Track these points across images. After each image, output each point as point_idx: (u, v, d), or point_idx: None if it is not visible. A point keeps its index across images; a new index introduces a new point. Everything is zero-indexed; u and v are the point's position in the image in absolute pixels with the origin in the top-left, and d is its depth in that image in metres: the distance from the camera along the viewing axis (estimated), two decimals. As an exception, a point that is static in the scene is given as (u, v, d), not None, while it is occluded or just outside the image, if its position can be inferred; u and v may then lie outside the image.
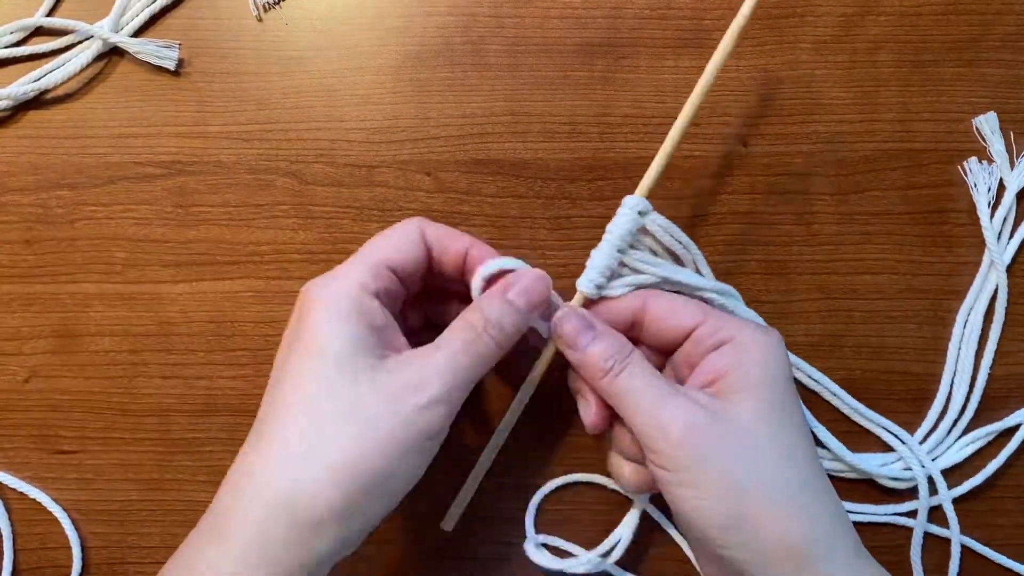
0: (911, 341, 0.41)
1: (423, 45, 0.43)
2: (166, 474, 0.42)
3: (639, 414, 0.33)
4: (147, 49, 0.42)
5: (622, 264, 0.36)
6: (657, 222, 0.36)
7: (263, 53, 0.43)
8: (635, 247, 0.37)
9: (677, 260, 0.38)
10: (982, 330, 0.41)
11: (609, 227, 0.36)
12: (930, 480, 0.40)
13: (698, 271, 0.38)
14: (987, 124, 0.41)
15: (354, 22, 0.43)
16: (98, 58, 0.43)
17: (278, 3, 0.43)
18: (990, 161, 0.41)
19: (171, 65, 0.42)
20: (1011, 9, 0.42)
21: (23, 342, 0.43)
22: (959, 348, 0.41)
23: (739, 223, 0.42)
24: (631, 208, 0.36)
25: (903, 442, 0.41)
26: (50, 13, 0.43)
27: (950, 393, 0.41)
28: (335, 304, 0.32)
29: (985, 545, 0.41)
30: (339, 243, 0.42)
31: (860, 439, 0.41)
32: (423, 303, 0.39)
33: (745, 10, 0.34)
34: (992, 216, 0.41)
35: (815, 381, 0.41)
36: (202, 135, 0.43)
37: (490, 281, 0.36)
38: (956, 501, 0.41)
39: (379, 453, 0.31)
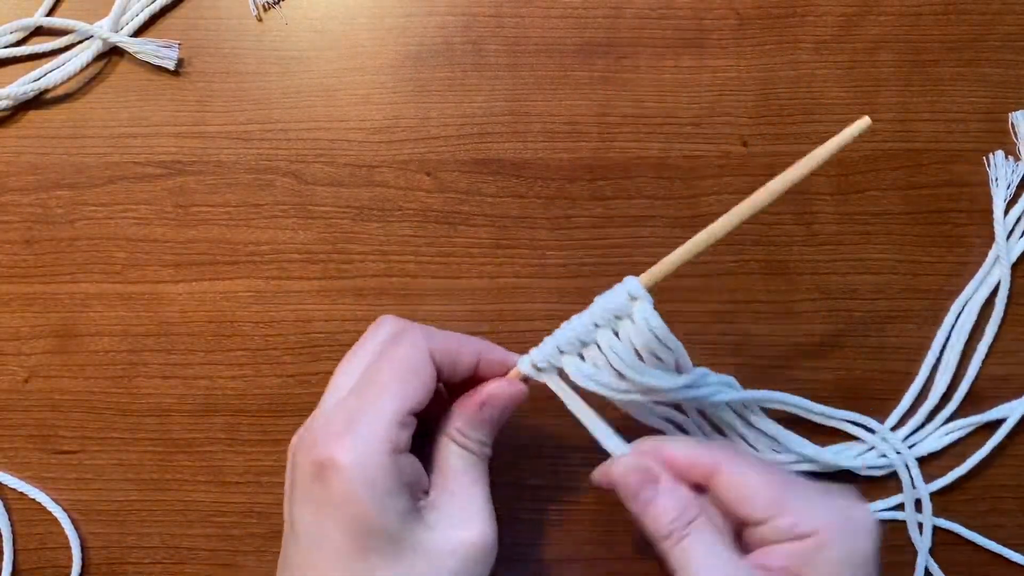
0: (911, 341, 0.41)
1: (423, 45, 0.43)
2: (166, 474, 0.42)
3: None
4: (147, 49, 0.42)
5: (588, 345, 0.33)
6: (646, 316, 0.32)
7: (263, 53, 0.43)
8: (617, 334, 0.32)
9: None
10: (976, 324, 0.41)
11: (596, 300, 0.33)
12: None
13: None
14: (1022, 120, 0.41)
15: (354, 22, 0.43)
16: (98, 58, 0.43)
17: (278, 3, 0.43)
18: (1017, 158, 0.41)
19: (171, 65, 0.42)
20: (1011, 9, 0.42)
21: (23, 342, 0.42)
22: (947, 336, 0.41)
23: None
24: (623, 287, 0.32)
25: (872, 431, 0.40)
26: (50, 13, 0.43)
27: (929, 380, 0.41)
28: (372, 480, 0.29)
29: (977, 533, 0.41)
30: (339, 243, 0.42)
31: (840, 439, 0.41)
32: None
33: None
34: (1007, 213, 0.41)
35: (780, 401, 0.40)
36: (202, 135, 0.43)
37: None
38: (943, 492, 0.41)
39: None
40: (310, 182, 0.42)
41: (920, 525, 0.40)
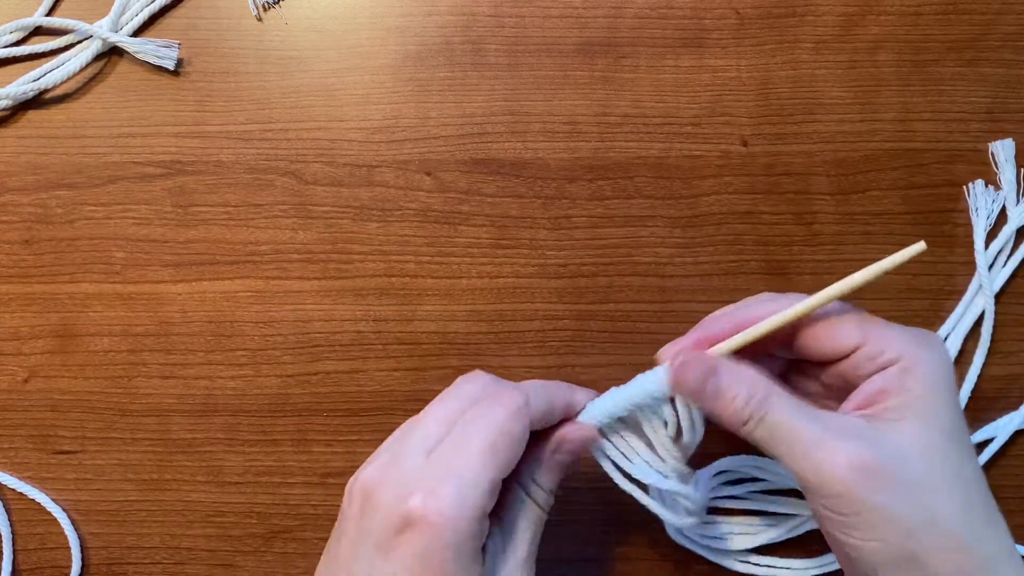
0: (911, 341, 0.41)
1: (423, 45, 0.43)
2: (166, 474, 0.42)
3: (792, 460, 0.30)
4: (146, 49, 0.42)
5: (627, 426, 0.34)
6: (684, 408, 0.33)
7: (263, 53, 0.43)
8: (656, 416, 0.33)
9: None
10: (961, 351, 0.41)
11: (639, 377, 0.33)
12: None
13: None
14: (1003, 151, 0.41)
15: (354, 22, 0.43)
16: (97, 58, 0.43)
17: (278, 3, 0.43)
18: (996, 187, 0.41)
19: (170, 65, 0.42)
20: (1011, 9, 0.42)
21: (23, 342, 0.42)
22: None
23: (739, 223, 0.42)
24: (665, 378, 0.32)
25: None
26: (49, 13, 0.43)
27: None
28: (460, 545, 0.29)
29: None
30: (339, 243, 0.42)
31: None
32: None
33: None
34: (988, 245, 0.41)
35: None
36: (201, 135, 0.43)
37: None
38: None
39: None
40: (310, 182, 0.42)
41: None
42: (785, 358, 0.36)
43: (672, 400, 0.33)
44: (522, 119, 0.42)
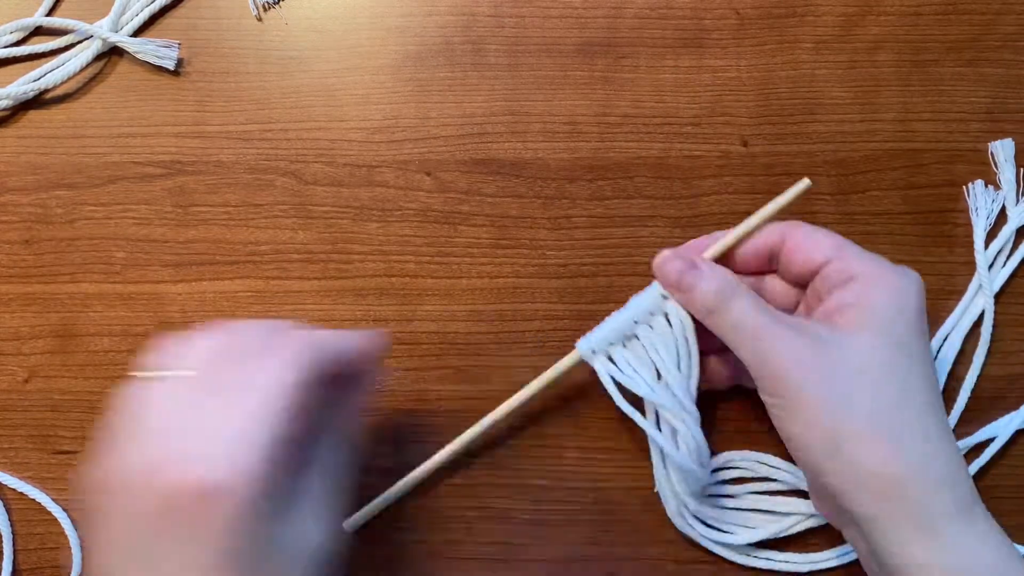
0: (911, 341, 0.41)
1: (423, 45, 0.43)
2: (166, 474, 0.42)
3: (744, 347, 0.33)
4: (147, 49, 0.42)
5: (630, 339, 0.37)
6: (677, 314, 0.36)
7: (263, 53, 0.43)
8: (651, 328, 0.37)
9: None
10: (961, 351, 0.41)
11: (633, 297, 0.37)
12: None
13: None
14: (1003, 150, 0.41)
15: (354, 22, 0.43)
16: (98, 58, 0.43)
17: (278, 3, 0.43)
18: (996, 187, 0.41)
19: (171, 65, 0.42)
20: (1011, 9, 0.42)
21: (23, 342, 0.42)
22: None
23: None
24: (657, 288, 0.36)
25: None
26: (50, 13, 0.43)
27: None
28: (254, 503, 0.28)
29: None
30: (339, 243, 0.42)
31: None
32: None
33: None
34: (987, 245, 0.41)
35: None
36: (201, 135, 0.43)
37: None
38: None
39: None
40: (310, 182, 0.42)
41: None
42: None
43: (667, 317, 0.36)
44: (522, 119, 0.42)
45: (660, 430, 0.37)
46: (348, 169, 0.42)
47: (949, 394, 0.41)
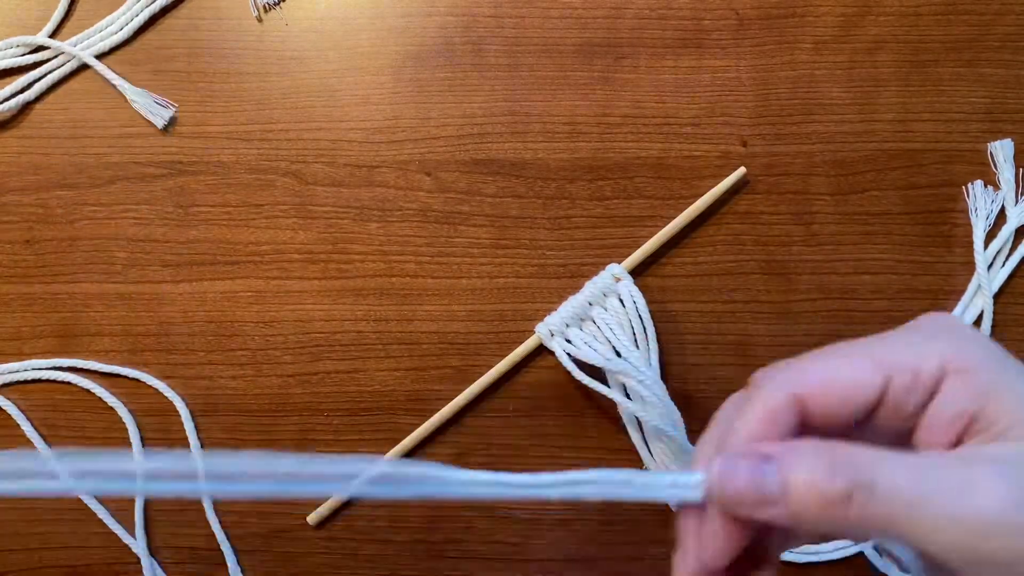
0: (911, 341, 0.41)
1: (423, 45, 0.43)
2: (166, 474, 0.42)
3: (909, 528, 0.21)
4: (142, 101, 0.42)
5: (586, 320, 0.40)
6: (629, 292, 0.39)
7: (263, 53, 0.43)
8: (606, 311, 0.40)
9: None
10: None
11: (588, 283, 0.40)
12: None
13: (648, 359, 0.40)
14: (1002, 151, 0.41)
15: (354, 22, 0.43)
16: (99, 57, 0.43)
17: (278, 3, 0.43)
18: (995, 187, 0.41)
19: (160, 124, 0.42)
20: (1011, 9, 0.42)
21: (24, 342, 0.43)
22: None
23: (739, 223, 0.42)
24: (608, 270, 0.40)
25: None
26: (53, 34, 0.43)
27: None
28: None
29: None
30: (339, 243, 0.42)
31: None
32: None
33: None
34: (987, 245, 0.41)
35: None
36: (202, 135, 0.43)
37: None
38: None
39: None
40: (310, 182, 0.42)
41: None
42: None
43: (619, 298, 0.39)
44: (522, 119, 0.42)
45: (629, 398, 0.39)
46: (348, 169, 0.42)
47: None
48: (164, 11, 0.43)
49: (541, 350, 0.41)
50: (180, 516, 0.42)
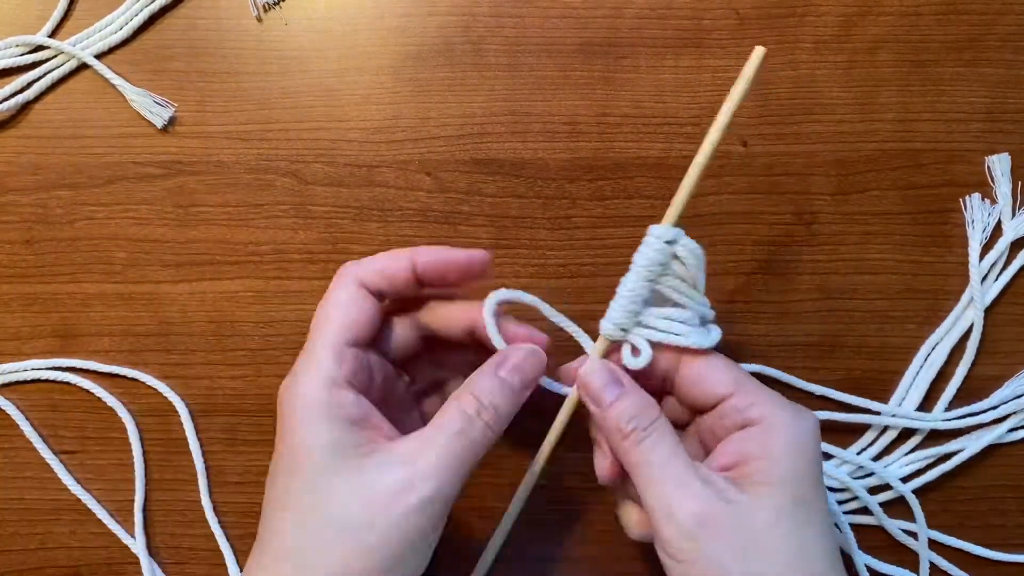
0: (911, 341, 0.41)
1: (423, 45, 0.43)
2: (166, 474, 0.42)
3: (652, 492, 0.31)
4: (142, 101, 0.42)
5: (653, 295, 0.34)
6: (690, 249, 0.34)
7: (263, 53, 0.43)
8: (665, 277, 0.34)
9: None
10: (948, 361, 0.41)
11: (635, 258, 0.34)
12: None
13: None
14: (999, 165, 0.41)
15: (354, 22, 0.43)
16: (99, 57, 0.43)
17: (278, 3, 0.43)
18: (992, 200, 0.41)
19: (159, 123, 0.42)
20: (1011, 9, 0.42)
21: (23, 342, 0.43)
22: (916, 375, 0.41)
23: (739, 223, 0.42)
24: (657, 238, 0.34)
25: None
26: (53, 33, 0.43)
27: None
28: (304, 410, 0.31)
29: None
30: (339, 243, 0.42)
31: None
32: (434, 353, 0.38)
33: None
34: (982, 257, 0.41)
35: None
36: (202, 135, 0.43)
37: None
38: (940, 493, 0.41)
39: (373, 562, 0.30)
40: (310, 182, 0.42)
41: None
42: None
43: (679, 258, 0.34)
44: (522, 119, 0.42)
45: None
46: (348, 169, 0.42)
47: (930, 404, 0.41)
48: (163, 11, 0.43)
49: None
50: (180, 516, 0.42)
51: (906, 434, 0.41)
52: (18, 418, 0.42)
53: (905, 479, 0.40)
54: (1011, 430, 0.41)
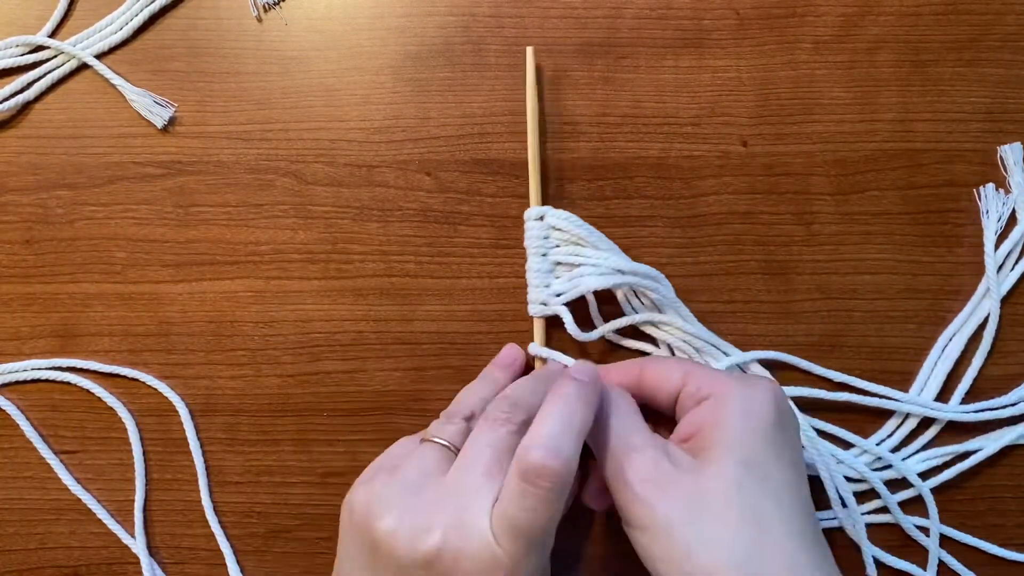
0: (911, 341, 0.41)
1: (423, 45, 0.43)
2: (166, 474, 0.42)
3: (609, 462, 0.33)
4: (142, 101, 0.42)
5: (558, 266, 0.39)
6: (560, 217, 0.39)
7: (263, 53, 0.43)
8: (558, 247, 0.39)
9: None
10: (965, 351, 0.41)
11: (525, 244, 0.40)
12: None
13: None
14: (1011, 154, 0.41)
15: (354, 22, 0.43)
16: (99, 57, 0.43)
17: (278, 3, 0.43)
18: (1007, 191, 0.41)
19: (159, 123, 0.42)
20: (1011, 9, 0.42)
21: (23, 342, 0.43)
22: (933, 367, 0.41)
23: (739, 223, 0.42)
24: (528, 218, 0.39)
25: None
26: (56, 28, 0.43)
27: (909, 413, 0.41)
28: (546, 545, 0.31)
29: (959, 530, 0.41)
30: (339, 243, 0.42)
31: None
32: None
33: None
34: (997, 247, 0.41)
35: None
36: (202, 135, 0.43)
37: None
38: (941, 492, 0.41)
39: None
40: (310, 182, 0.42)
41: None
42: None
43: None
44: (522, 119, 0.42)
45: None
46: (348, 169, 0.42)
47: (946, 394, 0.41)
48: (163, 11, 0.43)
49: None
50: (180, 516, 0.42)
51: (920, 429, 0.41)
52: (18, 418, 0.42)
53: (921, 475, 0.40)
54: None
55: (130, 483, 0.42)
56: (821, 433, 0.41)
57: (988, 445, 0.40)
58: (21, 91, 0.43)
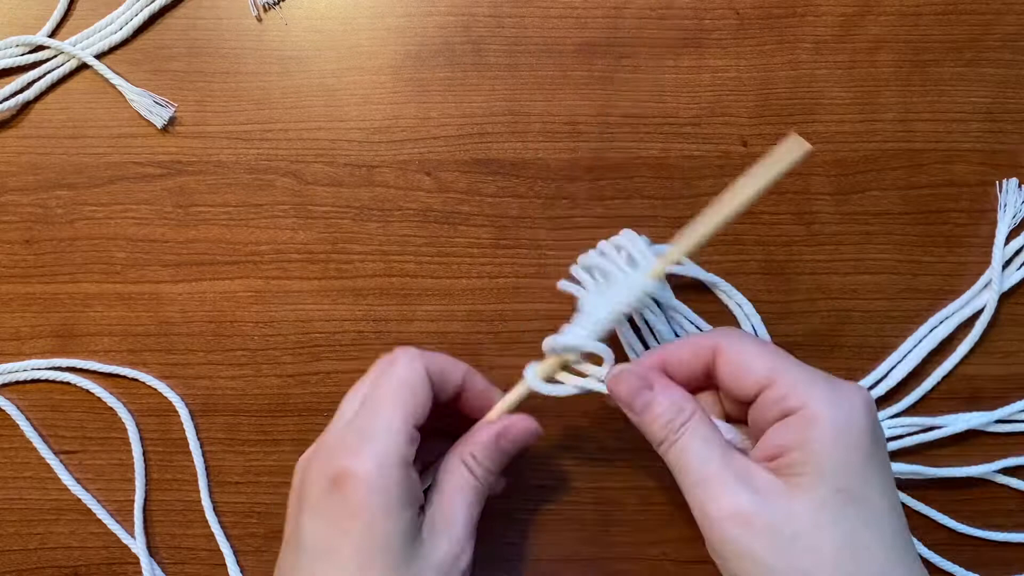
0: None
1: (423, 45, 0.43)
2: (166, 474, 0.42)
3: (690, 494, 0.31)
4: (142, 101, 0.42)
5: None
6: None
7: (263, 53, 0.43)
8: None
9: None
10: (951, 340, 0.41)
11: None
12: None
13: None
14: None
15: (354, 22, 0.43)
16: (99, 57, 0.43)
17: (278, 3, 0.43)
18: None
19: (159, 123, 0.42)
20: (1011, 9, 0.42)
21: (23, 342, 0.43)
22: (915, 344, 0.41)
23: (739, 223, 0.42)
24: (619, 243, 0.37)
25: None
26: (56, 28, 0.43)
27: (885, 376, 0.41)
28: (387, 490, 0.30)
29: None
30: (339, 243, 0.42)
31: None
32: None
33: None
34: (1008, 242, 0.41)
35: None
36: (202, 135, 0.43)
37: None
38: (941, 491, 0.41)
39: None
40: (310, 182, 0.42)
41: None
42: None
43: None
44: (522, 119, 0.42)
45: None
46: (348, 169, 0.42)
47: (920, 378, 0.41)
48: (163, 11, 0.43)
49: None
50: (180, 516, 0.42)
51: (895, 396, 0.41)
52: (18, 418, 0.42)
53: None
54: (998, 421, 0.40)
55: (130, 483, 0.42)
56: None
57: (952, 424, 0.40)
58: (21, 91, 0.43)
